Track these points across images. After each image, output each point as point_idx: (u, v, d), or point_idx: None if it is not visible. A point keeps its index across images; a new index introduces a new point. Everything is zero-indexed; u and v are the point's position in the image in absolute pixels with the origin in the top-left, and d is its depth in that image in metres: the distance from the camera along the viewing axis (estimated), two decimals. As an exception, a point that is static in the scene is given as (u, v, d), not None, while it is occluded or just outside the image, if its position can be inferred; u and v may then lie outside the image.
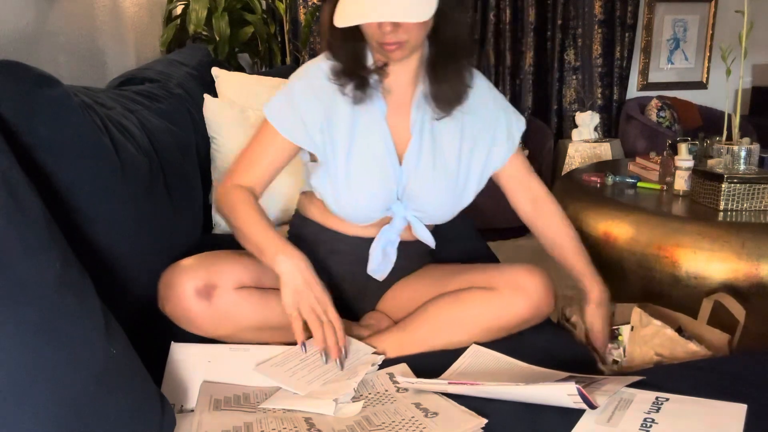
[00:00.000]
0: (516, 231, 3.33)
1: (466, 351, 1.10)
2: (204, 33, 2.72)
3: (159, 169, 1.24)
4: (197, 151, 1.60)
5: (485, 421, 0.84)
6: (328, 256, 1.24)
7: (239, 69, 2.69)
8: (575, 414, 0.85)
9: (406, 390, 0.97)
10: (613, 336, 1.26)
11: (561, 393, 0.84)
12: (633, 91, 4.17)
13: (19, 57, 1.26)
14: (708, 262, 1.65)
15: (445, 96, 1.15)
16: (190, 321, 1.04)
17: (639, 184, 2.20)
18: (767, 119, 3.95)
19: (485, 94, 1.24)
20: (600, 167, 2.54)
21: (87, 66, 1.80)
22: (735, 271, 1.62)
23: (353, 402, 0.94)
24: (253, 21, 2.77)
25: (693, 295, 1.61)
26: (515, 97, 3.94)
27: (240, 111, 1.80)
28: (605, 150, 3.56)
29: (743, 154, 1.96)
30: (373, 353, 1.09)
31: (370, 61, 1.15)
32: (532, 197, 1.30)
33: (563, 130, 3.97)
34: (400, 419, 0.87)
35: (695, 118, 3.96)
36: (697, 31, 4.23)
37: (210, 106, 1.77)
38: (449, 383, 0.92)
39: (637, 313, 1.25)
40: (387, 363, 1.08)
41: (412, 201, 1.19)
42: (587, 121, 3.67)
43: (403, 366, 1.06)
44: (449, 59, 1.13)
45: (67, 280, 0.72)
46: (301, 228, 1.29)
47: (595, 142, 3.62)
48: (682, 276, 1.69)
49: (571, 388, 0.82)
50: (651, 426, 0.81)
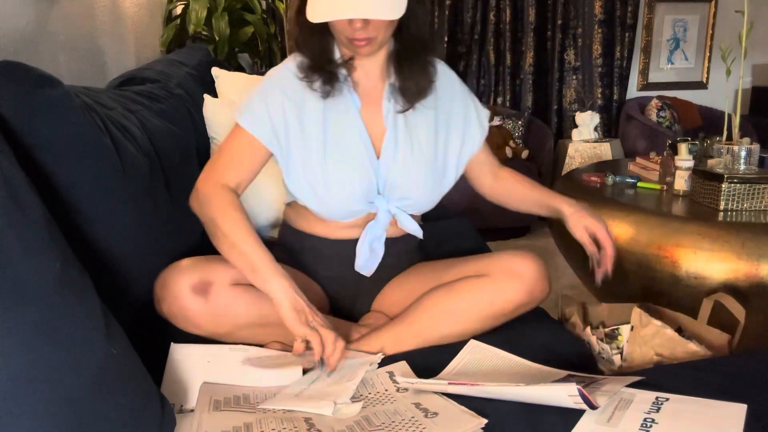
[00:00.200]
0: (516, 231, 3.33)
1: (464, 347, 1.10)
2: (204, 33, 2.72)
3: (159, 170, 1.24)
4: (197, 152, 1.60)
5: (485, 421, 0.84)
6: (316, 262, 1.24)
7: (239, 69, 2.69)
8: (575, 414, 0.85)
9: (405, 390, 0.97)
10: (613, 336, 1.26)
11: (561, 393, 0.84)
12: (633, 91, 4.17)
13: (19, 57, 1.26)
14: (708, 262, 1.65)
15: (411, 90, 1.18)
16: (187, 319, 1.04)
17: (639, 184, 2.20)
18: (767, 119, 3.95)
19: (454, 85, 1.29)
20: (600, 167, 2.54)
21: (87, 66, 1.80)
22: (735, 271, 1.62)
23: (353, 402, 0.94)
24: (253, 21, 2.77)
25: (693, 295, 1.61)
26: (515, 97, 3.94)
27: (240, 111, 1.80)
28: (605, 150, 3.56)
29: (743, 154, 1.97)
30: (372, 352, 1.09)
31: (337, 56, 1.17)
32: (493, 173, 1.38)
33: (563, 130, 3.98)
34: (399, 419, 0.87)
35: (695, 118, 3.96)
36: (697, 31, 4.23)
37: (210, 106, 1.77)
38: (449, 383, 0.92)
39: (637, 313, 1.25)
40: (386, 360, 1.08)
41: (394, 192, 1.20)
42: (587, 121, 3.67)
43: (403, 364, 1.06)
44: (414, 54, 1.17)
45: (67, 280, 0.72)
46: (288, 237, 1.30)
47: (595, 142, 3.62)
48: (682, 276, 1.69)
49: (572, 388, 0.82)
50: (651, 426, 0.81)
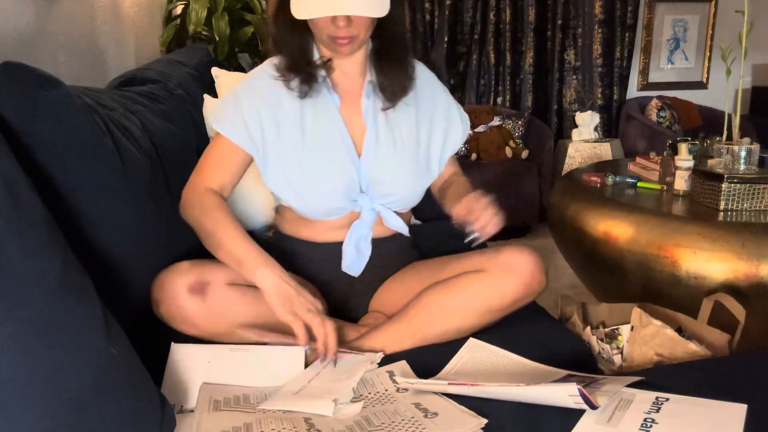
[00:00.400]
0: (516, 231, 3.33)
1: (464, 345, 1.10)
2: (204, 33, 2.72)
3: (160, 171, 1.25)
4: (198, 152, 1.60)
5: (485, 421, 0.84)
6: (307, 266, 1.25)
7: (239, 69, 2.69)
8: (575, 414, 0.85)
9: (405, 390, 0.97)
10: (613, 336, 1.26)
11: (562, 393, 0.84)
12: (633, 91, 4.17)
13: (19, 57, 1.26)
14: (708, 262, 1.65)
15: (392, 87, 1.20)
16: (185, 319, 1.04)
17: (639, 184, 2.20)
18: (767, 119, 3.95)
19: (434, 84, 1.31)
20: (600, 167, 2.54)
21: (87, 66, 1.81)
22: (735, 271, 1.62)
23: (353, 402, 0.94)
24: (253, 21, 2.77)
25: (693, 295, 1.61)
26: (515, 97, 3.94)
27: (240, 111, 1.80)
28: (605, 150, 3.56)
29: (743, 154, 1.97)
30: (372, 351, 1.09)
31: (316, 56, 1.19)
32: (448, 179, 1.36)
33: (563, 130, 3.98)
34: (399, 419, 0.87)
35: (695, 118, 3.96)
36: (697, 31, 4.23)
37: (210, 106, 1.76)
38: (449, 384, 0.92)
39: (637, 313, 1.25)
40: (386, 360, 1.08)
41: (378, 188, 1.20)
42: (587, 121, 3.67)
43: (403, 363, 1.06)
44: (393, 53, 1.19)
45: (68, 280, 0.72)
46: (279, 242, 1.31)
47: (595, 142, 3.62)
48: (682, 276, 1.69)
49: (572, 388, 0.82)
50: (651, 426, 0.81)
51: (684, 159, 2.02)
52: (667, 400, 0.87)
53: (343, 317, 1.23)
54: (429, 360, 1.07)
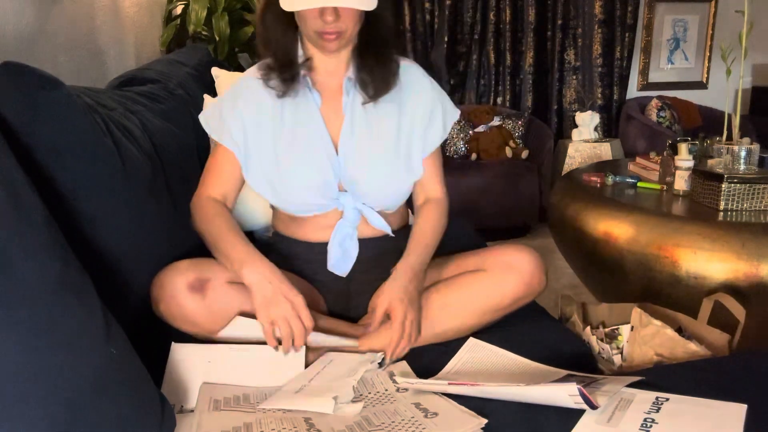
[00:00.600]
0: (516, 231, 3.33)
1: (464, 345, 1.10)
2: (204, 33, 2.72)
3: (161, 171, 1.25)
4: (198, 152, 1.60)
5: (485, 421, 0.85)
6: (303, 266, 1.25)
7: (239, 69, 2.69)
8: (575, 414, 0.85)
9: (406, 390, 0.97)
10: (613, 336, 1.26)
11: (562, 393, 0.84)
12: (633, 91, 4.17)
13: (19, 57, 1.26)
14: (708, 262, 1.65)
15: (374, 83, 1.19)
16: (185, 317, 1.04)
17: (639, 184, 2.19)
18: (767, 119, 3.95)
19: (422, 83, 1.27)
20: (600, 167, 2.54)
21: (87, 66, 1.81)
22: (735, 271, 1.62)
23: (353, 402, 0.94)
24: (253, 21, 2.76)
25: (693, 295, 1.61)
26: (515, 97, 3.94)
27: (240, 111, 1.80)
28: (605, 150, 3.56)
29: (743, 154, 1.96)
30: (373, 351, 1.09)
31: (299, 53, 1.19)
32: (426, 197, 1.28)
33: (563, 130, 3.97)
34: (399, 419, 0.87)
35: (695, 118, 3.96)
36: (697, 31, 4.23)
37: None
38: (449, 384, 0.92)
39: (637, 313, 1.25)
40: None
41: (358, 187, 1.20)
42: (587, 121, 3.67)
43: (403, 364, 1.07)
44: (376, 48, 1.18)
45: (68, 280, 0.72)
46: (277, 243, 1.31)
47: (595, 142, 3.62)
48: (682, 276, 1.69)
49: (573, 388, 0.82)
50: (651, 426, 0.81)
51: (684, 159, 2.02)
52: (667, 400, 0.87)
53: (343, 317, 1.23)
54: (429, 360, 1.07)
